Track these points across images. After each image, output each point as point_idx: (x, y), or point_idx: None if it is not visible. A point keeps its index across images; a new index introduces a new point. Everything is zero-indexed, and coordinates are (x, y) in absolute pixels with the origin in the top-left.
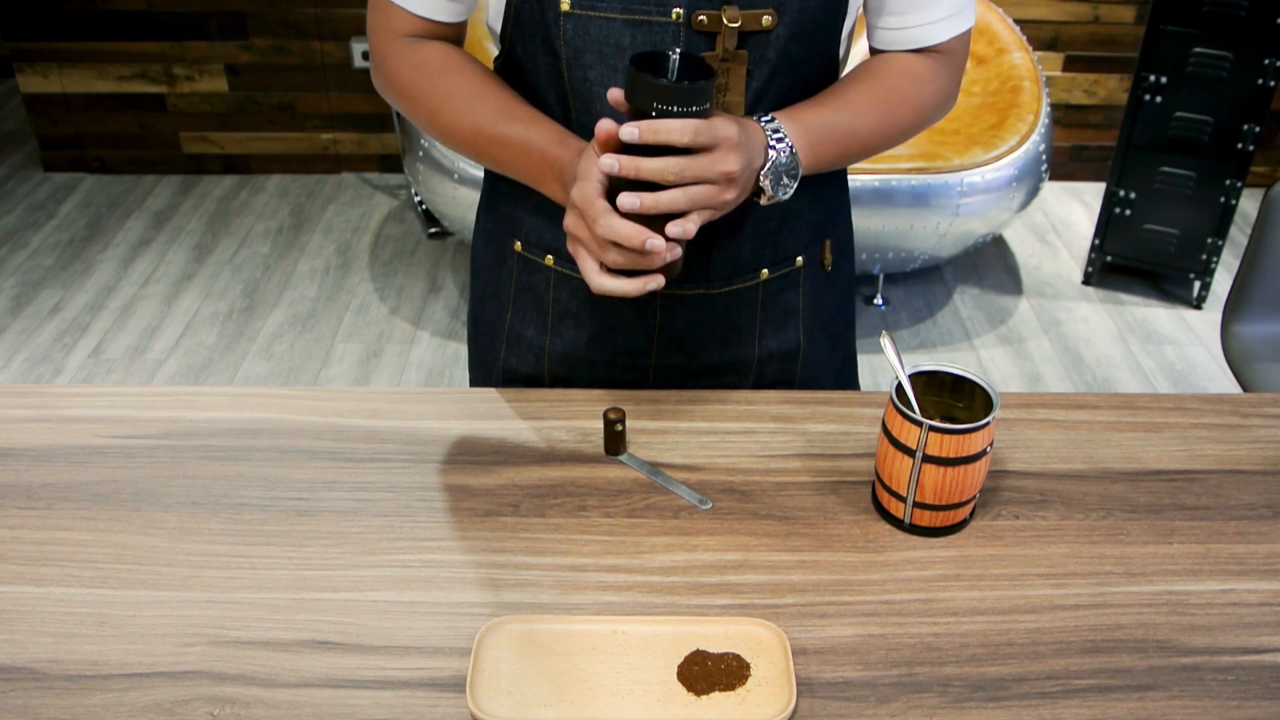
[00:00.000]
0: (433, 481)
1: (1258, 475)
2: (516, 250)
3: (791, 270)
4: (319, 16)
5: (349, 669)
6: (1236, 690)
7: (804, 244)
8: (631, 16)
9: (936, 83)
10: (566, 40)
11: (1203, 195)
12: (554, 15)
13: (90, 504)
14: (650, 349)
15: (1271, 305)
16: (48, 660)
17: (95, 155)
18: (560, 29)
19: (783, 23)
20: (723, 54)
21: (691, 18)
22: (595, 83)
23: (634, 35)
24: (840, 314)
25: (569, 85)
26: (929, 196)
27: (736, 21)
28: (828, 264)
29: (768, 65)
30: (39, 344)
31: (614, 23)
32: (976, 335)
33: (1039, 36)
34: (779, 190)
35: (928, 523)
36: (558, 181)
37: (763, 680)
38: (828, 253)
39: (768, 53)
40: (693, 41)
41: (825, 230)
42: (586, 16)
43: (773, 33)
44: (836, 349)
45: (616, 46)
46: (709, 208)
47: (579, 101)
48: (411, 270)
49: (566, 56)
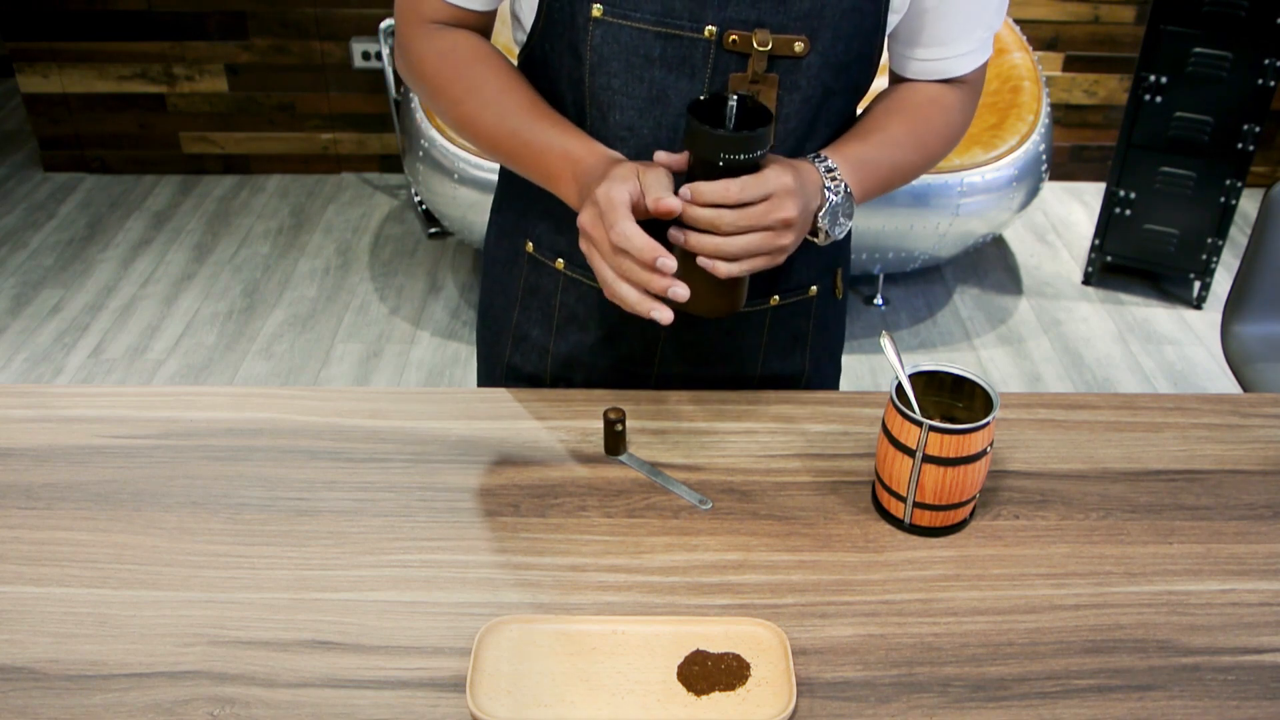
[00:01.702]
0: (433, 481)
1: (1258, 475)
2: (528, 251)
3: (804, 298)
4: (319, 16)
5: (349, 669)
6: (1236, 690)
7: (818, 273)
8: (663, 29)
9: (963, 112)
10: (594, 46)
11: (1203, 195)
12: (584, 20)
13: (90, 504)
14: (652, 359)
15: (1271, 305)
16: (48, 660)
17: (95, 155)
18: (589, 34)
19: (815, 50)
20: (753, 76)
21: (723, 36)
22: (619, 91)
23: (664, 48)
24: (841, 336)
25: (589, 91)
26: (929, 196)
27: (766, 45)
28: (839, 293)
29: (799, 94)
30: (39, 344)
31: (645, 34)
32: (976, 335)
33: (1039, 36)
34: (836, 230)
35: (928, 523)
36: (575, 183)
37: (763, 680)
38: (840, 281)
39: (799, 80)
40: (722, 60)
41: (839, 259)
42: (618, 25)
43: (805, 60)
44: (833, 367)
45: (645, 57)
46: (763, 254)
47: (595, 109)
48: (411, 270)
49: (591, 62)
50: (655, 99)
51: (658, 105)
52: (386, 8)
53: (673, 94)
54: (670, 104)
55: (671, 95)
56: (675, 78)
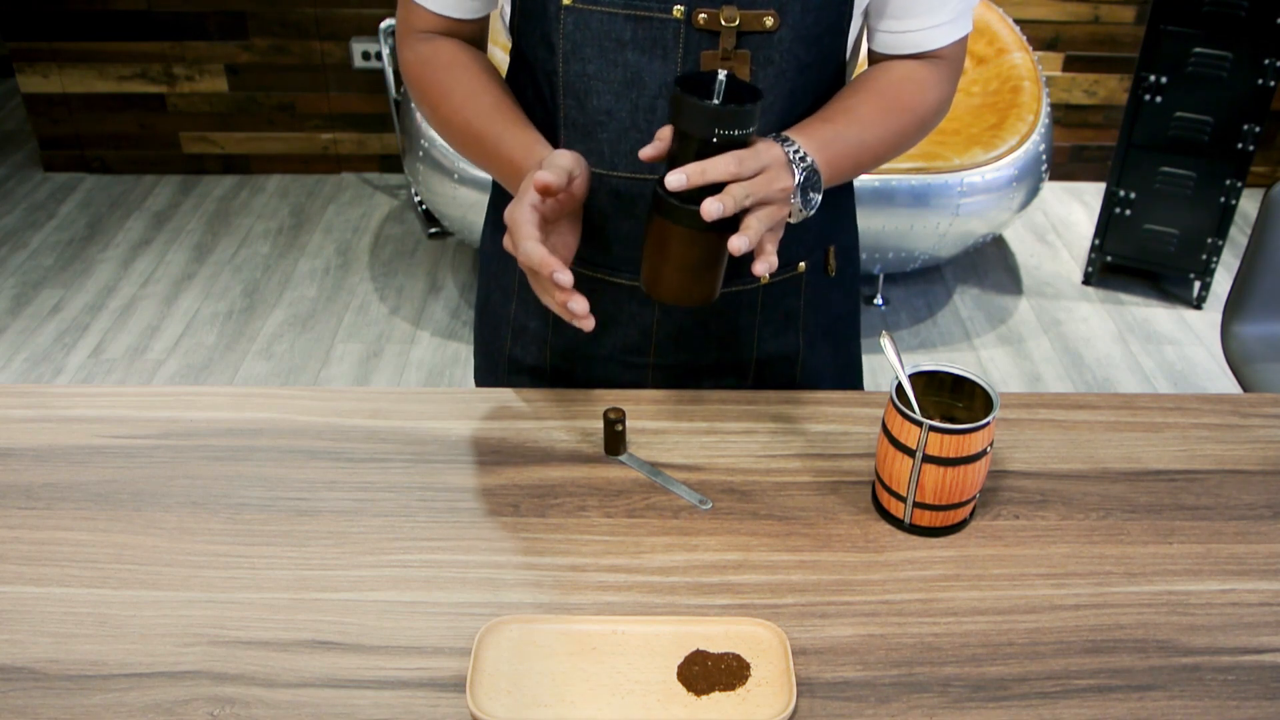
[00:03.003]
0: (433, 481)
1: (1258, 475)
2: None
3: (793, 275)
4: (319, 16)
5: (349, 669)
6: (1236, 690)
7: (807, 249)
8: (633, 12)
9: (939, 88)
10: (566, 34)
11: (1203, 195)
12: (555, 9)
13: (90, 504)
14: (648, 347)
15: (1271, 305)
16: (48, 660)
17: (95, 155)
18: (560, 23)
19: (785, 24)
20: (723, 53)
21: (692, 15)
22: (594, 76)
23: (635, 30)
24: (845, 319)
25: (562, 80)
26: (929, 196)
27: (734, 21)
28: (831, 269)
29: (773, 68)
30: (39, 344)
31: (615, 17)
32: (976, 335)
33: (1039, 36)
34: (808, 207)
35: (928, 523)
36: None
37: (763, 680)
38: (831, 258)
39: (772, 55)
40: (694, 39)
41: (829, 236)
42: (588, 11)
43: (776, 34)
44: (840, 353)
45: (617, 41)
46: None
47: (571, 98)
48: (411, 270)
49: (565, 50)
50: (630, 82)
51: (633, 88)
52: (386, 8)
53: (647, 76)
54: (645, 86)
55: (646, 77)
56: (648, 59)
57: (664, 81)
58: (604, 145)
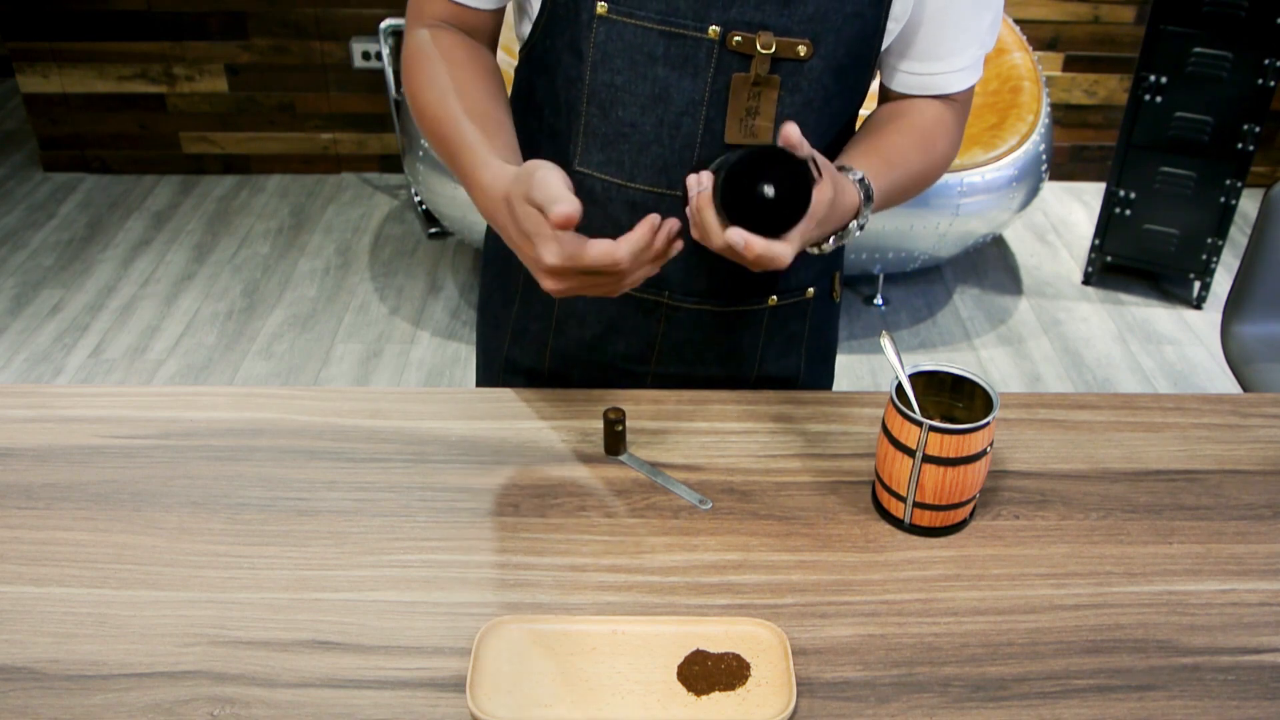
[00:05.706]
0: (433, 481)
1: (1258, 475)
2: None
3: (801, 300)
4: (319, 16)
5: (349, 669)
6: (1236, 690)
7: (816, 275)
8: (667, 28)
9: (957, 132)
10: (597, 44)
11: (1203, 195)
12: (589, 17)
13: (90, 504)
14: (650, 356)
15: (1271, 305)
16: (48, 660)
17: (95, 155)
18: (592, 31)
19: (819, 54)
20: (755, 78)
21: (727, 37)
22: (621, 88)
23: (667, 47)
24: (834, 341)
25: (588, 88)
26: (929, 196)
27: (770, 48)
28: (837, 295)
29: (800, 96)
30: (39, 344)
31: (649, 32)
32: (976, 335)
33: (1039, 36)
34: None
35: (928, 523)
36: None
37: (763, 680)
38: (837, 284)
39: (800, 82)
40: (725, 60)
41: (835, 263)
42: (622, 23)
43: (808, 64)
44: (826, 370)
45: (649, 55)
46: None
47: (595, 106)
48: (411, 270)
49: (594, 59)
50: (657, 96)
51: (660, 103)
52: (386, 8)
53: (675, 92)
54: (672, 102)
55: (674, 93)
56: (678, 76)
57: (692, 99)
58: (625, 156)
